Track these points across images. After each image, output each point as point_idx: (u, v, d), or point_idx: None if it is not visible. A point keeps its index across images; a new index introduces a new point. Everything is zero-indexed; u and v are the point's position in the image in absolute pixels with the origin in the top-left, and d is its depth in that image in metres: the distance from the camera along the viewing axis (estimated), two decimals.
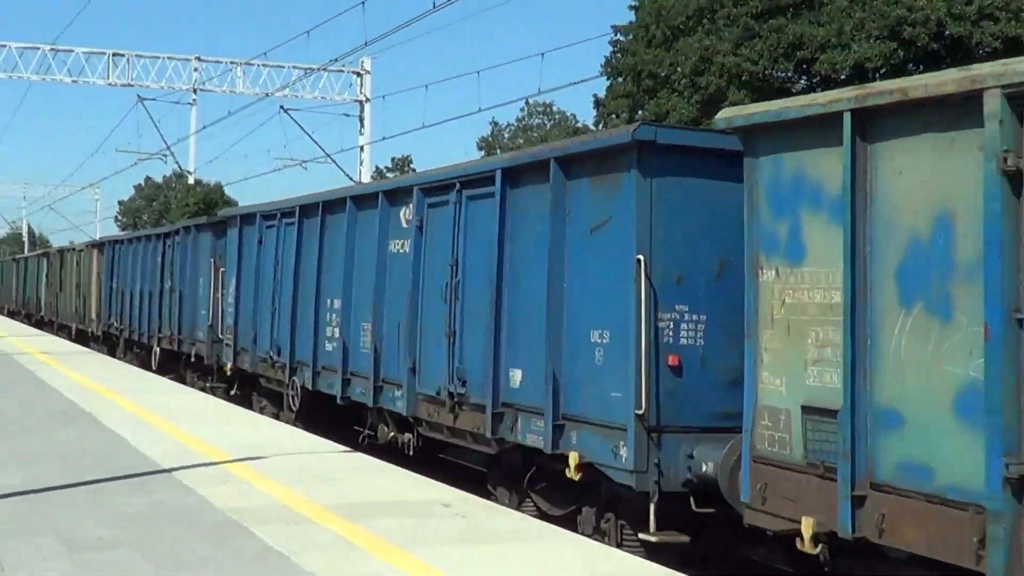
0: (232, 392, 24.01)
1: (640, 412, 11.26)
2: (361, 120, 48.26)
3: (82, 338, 41.94)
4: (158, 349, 31.32)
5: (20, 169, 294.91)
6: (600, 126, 50.27)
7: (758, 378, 9.86)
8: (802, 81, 41.83)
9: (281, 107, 45.50)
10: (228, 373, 23.84)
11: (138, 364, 32.48)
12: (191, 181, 57.92)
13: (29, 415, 18.21)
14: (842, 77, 38.59)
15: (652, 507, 11.39)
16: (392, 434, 16.96)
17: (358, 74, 48.23)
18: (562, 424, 12.52)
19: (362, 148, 47.90)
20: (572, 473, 12.19)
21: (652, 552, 11.31)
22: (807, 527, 9.14)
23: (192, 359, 27.57)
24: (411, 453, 16.47)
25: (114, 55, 46.60)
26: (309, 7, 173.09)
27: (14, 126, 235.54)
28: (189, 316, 27.95)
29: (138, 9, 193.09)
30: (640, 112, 45.53)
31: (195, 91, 50.06)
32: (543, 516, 13.03)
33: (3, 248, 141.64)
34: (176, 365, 29.84)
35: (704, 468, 11.11)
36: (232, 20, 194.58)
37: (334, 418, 19.09)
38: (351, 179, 46.33)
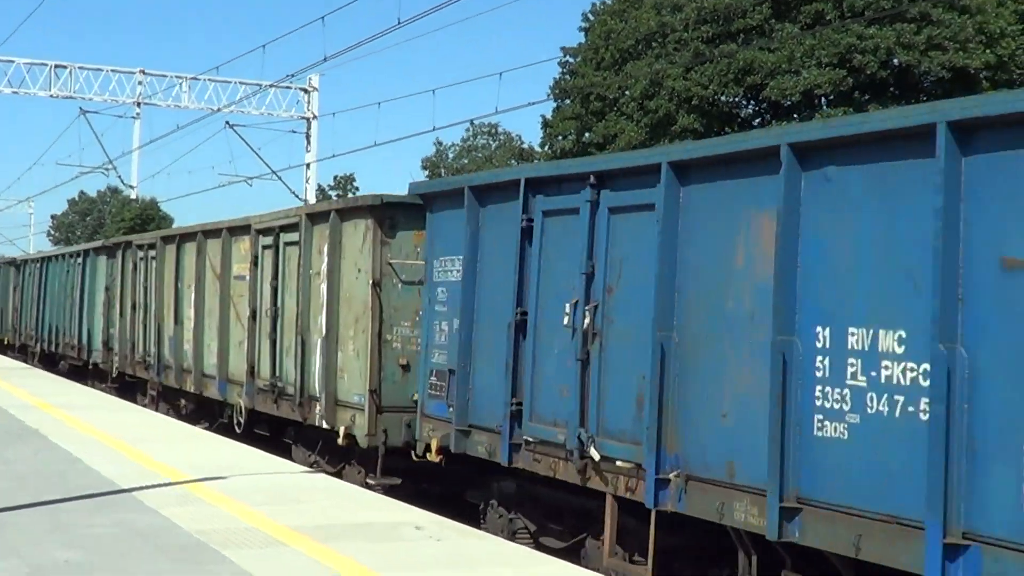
0: None
1: None
2: (308, 137, 47.92)
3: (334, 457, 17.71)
4: None
5: None
6: (546, 148, 50.28)
7: None
8: (750, 106, 42.09)
9: (227, 123, 45.11)
10: None
11: None
12: (133, 196, 57.15)
13: None
14: (789, 103, 38.88)
15: None
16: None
17: (305, 91, 47.93)
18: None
19: (308, 166, 47.55)
20: None
21: None
22: None
23: None
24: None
25: (56, 67, 46.04)
26: (267, 22, 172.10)
27: None
28: None
29: (83, 20, 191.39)
30: (587, 134, 45.60)
31: (139, 105, 49.51)
32: None
33: None
34: None
35: None
36: (183, 34, 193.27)
37: None
38: (297, 197, 45.97)
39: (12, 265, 46.22)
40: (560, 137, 47.95)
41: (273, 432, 20.59)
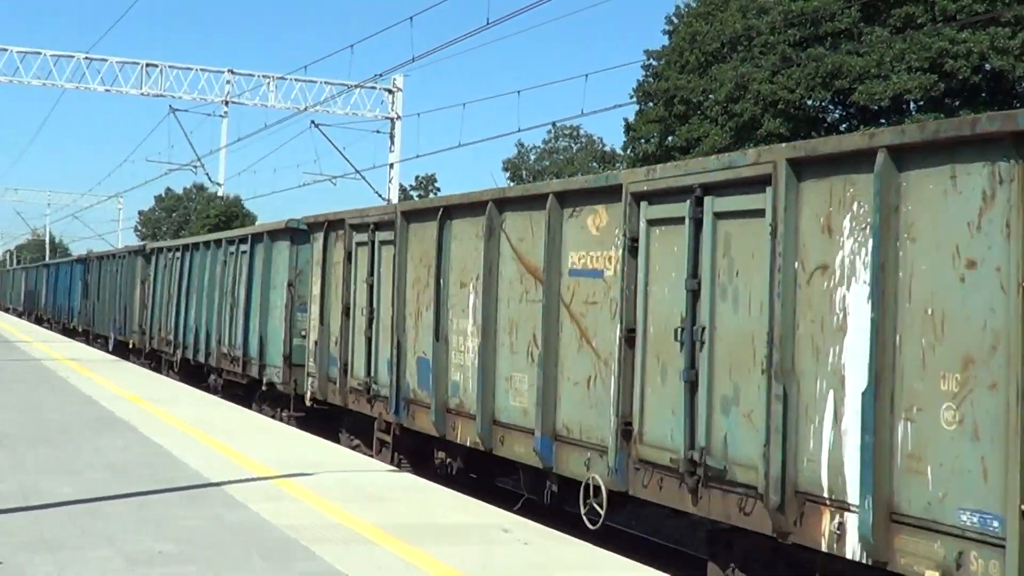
0: None
1: None
2: (391, 137, 48.15)
3: None
4: None
5: (47, 176, 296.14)
6: (629, 151, 50.14)
7: None
8: (837, 111, 41.71)
9: (312, 122, 45.40)
10: None
11: None
12: (220, 193, 57.68)
13: (69, 423, 17.98)
14: (876, 108, 38.47)
15: None
16: None
17: (390, 91, 48.17)
18: None
19: (391, 166, 47.77)
20: None
21: None
22: None
23: None
24: None
25: (147, 65, 46.84)
26: (355, 22, 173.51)
27: (45, 133, 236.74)
28: None
29: (174, 21, 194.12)
30: (671, 138, 45.40)
31: (227, 103, 50.09)
32: None
33: (24, 254, 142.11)
34: None
35: None
36: (272, 34, 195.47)
37: None
38: (380, 196, 46.15)
39: (139, 254, 37.81)
40: (643, 140, 47.80)
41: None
